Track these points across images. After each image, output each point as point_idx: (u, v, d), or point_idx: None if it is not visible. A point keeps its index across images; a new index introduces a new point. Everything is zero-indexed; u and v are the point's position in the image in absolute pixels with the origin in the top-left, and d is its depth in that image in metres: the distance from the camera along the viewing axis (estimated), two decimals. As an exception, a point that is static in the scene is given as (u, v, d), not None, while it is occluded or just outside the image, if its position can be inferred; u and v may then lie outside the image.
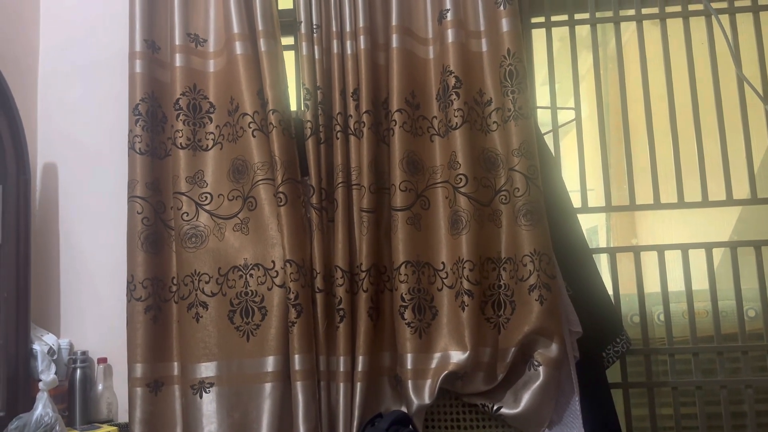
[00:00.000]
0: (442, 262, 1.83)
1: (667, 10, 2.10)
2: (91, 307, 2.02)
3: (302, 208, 1.85)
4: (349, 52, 1.89)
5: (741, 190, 2.05)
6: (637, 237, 3.30)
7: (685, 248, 2.03)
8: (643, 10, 2.11)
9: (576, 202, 2.00)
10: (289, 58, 2.04)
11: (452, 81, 1.84)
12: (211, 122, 1.92)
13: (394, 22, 1.89)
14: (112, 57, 2.07)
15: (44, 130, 2.10)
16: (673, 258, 2.03)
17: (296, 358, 1.73)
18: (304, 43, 1.90)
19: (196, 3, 1.98)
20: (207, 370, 1.77)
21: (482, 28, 1.90)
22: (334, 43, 1.90)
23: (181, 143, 1.89)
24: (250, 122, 1.86)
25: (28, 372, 1.84)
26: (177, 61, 1.91)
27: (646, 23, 2.11)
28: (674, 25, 2.10)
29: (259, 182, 1.84)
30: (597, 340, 1.87)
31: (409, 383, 1.75)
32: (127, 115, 1.91)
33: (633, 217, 3.34)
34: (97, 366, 1.96)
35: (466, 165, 1.81)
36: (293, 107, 1.97)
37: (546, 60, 2.10)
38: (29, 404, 1.75)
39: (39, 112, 2.11)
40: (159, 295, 1.87)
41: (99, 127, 2.09)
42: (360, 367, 1.76)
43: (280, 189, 1.81)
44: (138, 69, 1.91)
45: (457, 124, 1.83)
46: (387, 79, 1.90)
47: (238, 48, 1.88)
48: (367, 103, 1.86)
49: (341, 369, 1.77)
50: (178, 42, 1.92)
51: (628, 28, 2.24)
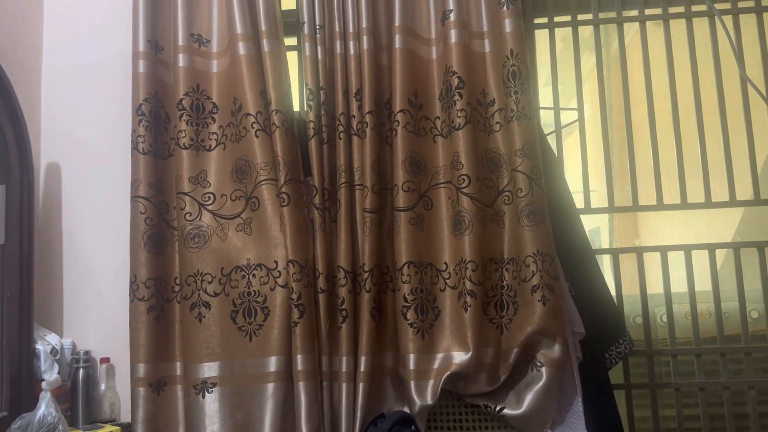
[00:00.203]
0: (445, 263, 1.83)
1: (670, 10, 2.10)
2: (94, 307, 2.02)
3: (305, 208, 1.85)
4: (352, 52, 1.89)
5: (744, 191, 2.04)
6: (640, 238, 3.30)
7: (688, 249, 2.03)
8: (646, 11, 2.11)
9: (579, 202, 2.00)
10: (292, 58, 2.04)
11: (455, 81, 1.84)
12: (214, 122, 1.92)
13: (397, 22, 1.89)
14: (116, 57, 2.08)
15: (47, 130, 2.11)
16: (676, 259, 2.03)
17: (299, 359, 1.73)
18: (307, 44, 1.90)
19: (200, 3, 1.98)
20: (210, 370, 1.78)
21: (485, 29, 1.90)
22: (337, 43, 1.90)
23: (184, 143, 1.89)
24: (253, 122, 1.86)
25: (31, 372, 1.84)
26: (180, 62, 1.91)
27: (649, 24, 2.11)
28: (677, 26, 2.10)
29: (262, 182, 1.85)
30: (600, 341, 1.86)
31: (412, 384, 1.75)
32: (131, 115, 1.91)
33: (636, 217, 3.33)
34: (100, 366, 1.96)
35: (469, 165, 1.81)
36: (296, 107, 1.96)
37: (549, 61, 2.10)
38: (32, 404, 1.75)
39: (42, 112, 2.11)
40: (162, 295, 1.87)
41: (102, 127, 2.09)
42: (362, 368, 1.76)
43: (283, 189, 1.81)
44: (141, 69, 1.91)
45: (460, 124, 1.83)
46: (390, 80, 1.90)
47: (241, 48, 1.88)
48: (370, 103, 1.85)
49: (344, 369, 1.77)
50: (181, 42, 1.93)
51: (631, 29, 2.23)
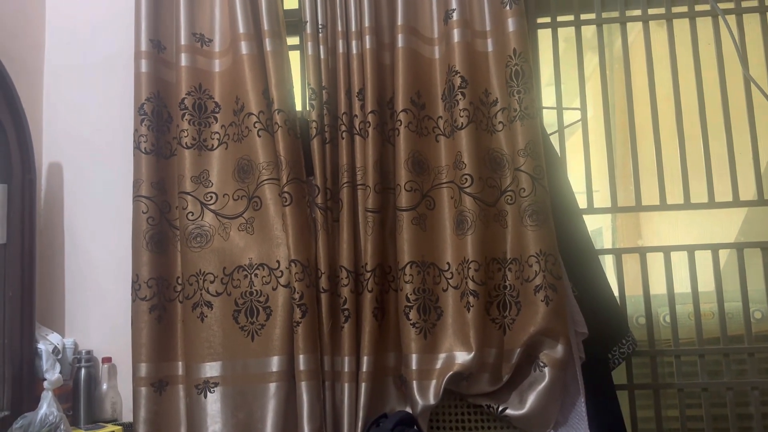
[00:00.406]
0: (447, 263, 1.83)
1: (674, 10, 2.09)
2: (96, 307, 2.02)
3: (307, 208, 1.85)
4: (355, 51, 1.88)
5: (747, 191, 2.04)
6: (643, 238, 3.29)
7: (691, 249, 2.02)
8: (650, 11, 2.11)
9: (582, 202, 1.99)
10: (295, 57, 2.04)
11: (458, 81, 1.84)
12: (217, 122, 1.92)
13: (400, 21, 1.88)
14: (118, 56, 2.07)
15: (49, 129, 2.10)
16: (679, 259, 2.03)
17: (301, 358, 1.73)
18: (309, 43, 1.90)
19: (202, 3, 1.98)
20: (211, 369, 1.77)
21: (488, 28, 1.90)
22: (340, 42, 1.90)
23: (187, 143, 1.89)
24: (256, 122, 1.85)
25: (32, 371, 1.84)
26: (182, 61, 1.91)
27: (652, 23, 2.11)
28: (681, 26, 2.09)
29: (264, 182, 1.84)
30: (603, 342, 1.86)
31: (414, 384, 1.75)
32: (133, 115, 1.91)
33: (639, 218, 3.33)
34: (102, 365, 1.96)
35: (472, 165, 1.80)
36: (298, 107, 1.96)
37: (552, 60, 2.10)
38: (34, 403, 1.75)
39: (44, 111, 2.11)
40: (164, 295, 1.87)
41: (104, 127, 2.09)
42: (365, 368, 1.75)
43: (285, 189, 1.80)
44: (143, 68, 1.91)
45: (462, 124, 1.82)
46: (392, 79, 1.89)
47: (244, 48, 1.88)
48: (373, 103, 1.85)
49: (346, 369, 1.77)
50: (183, 42, 1.92)
51: (634, 29, 2.23)
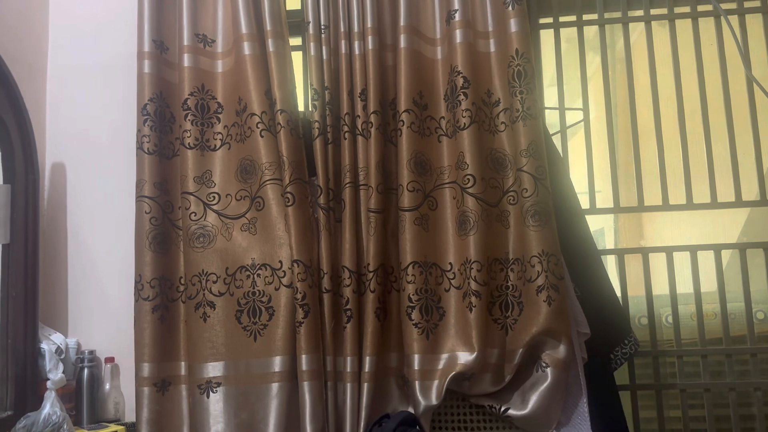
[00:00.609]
0: (450, 263, 1.83)
1: (676, 10, 2.09)
2: (99, 307, 2.03)
3: (310, 208, 1.85)
4: (357, 52, 1.89)
5: (750, 192, 2.04)
6: (645, 238, 3.28)
7: (693, 250, 2.02)
8: (652, 11, 2.11)
9: (584, 203, 1.99)
10: (297, 58, 2.04)
11: (460, 81, 1.84)
12: (219, 122, 1.92)
13: (402, 22, 1.88)
14: (121, 57, 2.08)
15: (52, 130, 2.11)
16: (682, 259, 2.03)
17: (303, 359, 1.73)
18: (312, 44, 1.90)
19: (205, 3, 1.99)
20: (214, 369, 1.78)
21: (490, 29, 1.90)
22: (342, 43, 1.90)
23: (189, 143, 1.89)
24: (258, 122, 1.86)
25: (35, 371, 1.84)
26: (185, 62, 1.92)
27: (654, 24, 2.11)
28: (683, 26, 2.09)
29: (267, 182, 1.85)
30: (605, 342, 1.86)
31: (416, 384, 1.75)
32: (135, 115, 1.91)
33: (641, 218, 3.32)
34: (105, 365, 1.96)
35: (474, 165, 1.80)
36: (301, 107, 1.97)
37: (554, 61, 2.10)
38: (37, 403, 1.75)
39: (47, 112, 2.12)
40: (166, 295, 1.87)
41: (107, 127, 2.09)
42: (367, 368, 1.76)
43: (288, 189, 1.81)
44: (146, 69, 1.91)
45: (465, 124, 1.82)
46: (395, 80, 1.90)
47: (246, 48, 1.88)
48: (375, 103, 1.85)
49: (348, 369, 1.77)
50: (186, 42, 1.93)
51: (637, 29, 2.23)
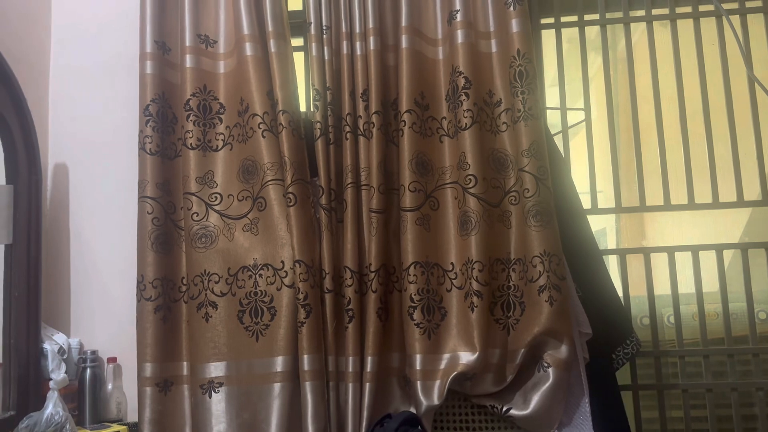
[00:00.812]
0: (452, 263, 1.83)
1: (678, 10, 2.09)
2: (101, 307, 2.03)
3: (311, 208, 1.85)
4: (359, 53, 1.89)
5: (752, 192, 2.04)
6: (647, 238, 3.28)
7: (695, 250, 2.02)
8: (653, 11, 2.11)
9: (585, 203, 1.99)
10: (299, 59, 2.05)
11: (462, 81, 1.84)
12: (221, 123, 1.93)
13: (404, 22, 1.89)
14: (123, 58, 2.09)
15: (55, 131, 2.11)
16: (684, 259, 2.02)
17: (305, 359, 1.74)
18: (313, 44, 1.90)
19: (207, 4, 1.99)
20: (216, 369, 1.78)
21: (492, 29, 1.90)
22: (344, 44, 1.91)
23: (192, 144, 1.89)
24: (260, 123, 1.86)
25: (38, 371, 1.85)
26: (187, 62, 1.92)
27: (656, 24, 2.11)
28: (684, 26, 2.09)
29: (269, 183, 1.85)
30: (607, 342, 1.86)
31: (418, 384, 1.75)
32: (138, 116, 1.92)
33: (643, 218, 3.31)
34: (107, 365, 1.97)
35: (476, 166, 1.80)
36: (303, 108, 1.97)
37: (555, 61, 2.10)
38: (40, 403, 1.76)
39: (50, 113, 2.12)
40: (169, 295, 1.88)
41: (109, 128, 2.10)
42: (369, 368, 1.76)
43: (290, 189, 1.81)
44: (148, 70, 1.92)
45: (466, 124, 1.83)
46: (396, 80, 1.90)
47: (248, 49, 1.89)
48: (377, 103, 1.86)
49: (350, 369, 1.77)
50: (188, 43, 1.93)
51: (638, 29, 2.23)
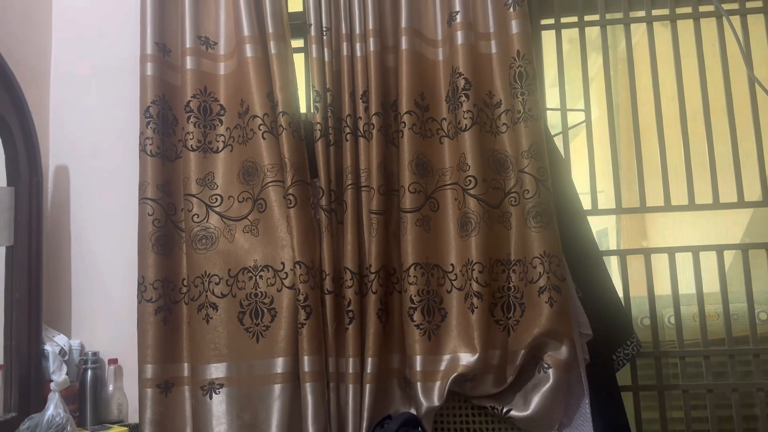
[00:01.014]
0: (452, 264, 1.83)
1: (678, 11, 2.09)
2: (102, 309, 2.04)
3: (312, 209, 1.85)
4: (359, 54, 1.89)
5: (753, 192, 2.03)
6: (648, 239, 3.28)
7: (696, 250, 2.02)
8: (654, 12, 2.10)
9: (586, 204, 1.99)
10: (299, 60, 2.05)
11: (462, 83, 1.84)
12: (222, 124, 1.93)
13: (404, 24, 1.89)
14: (124, 60, 2.09)
15: (56, 133, 2.12)
16: (684, 260, 2.02)
17: (305, 360, 1.74)
18: (313, 46, 1.90)
19: (207, 6, 1.99)
20: (217, 371, 1.78)
21: (492, 30, 1.90)
22: (344, 45, 1.91)
23: (192, 145, 1.89)
24: (260, 124, 1.86)
25: (39, 372, 1.85)
26: (188, 64, 1.92)
27: (656, 24, 2.11)
28: (685, 27, 2.09)
29: (269, 184, 1.85)
30: (607, 343, 1.86)
31: (418, 385, 1.75)
32: (138, 118, 1.92)
33: (643, 219, 3.32)
34: (108, 367, 1.97)
35: (476, 167, 1.81)
36: (303, 109, 1.97)
37: (556, 62, 2.10)
38: (41, 405, 1.76)
39: (51, 115, 2.13)
40: (169, 297, 1.88)
41: (110, 130, 2.10)
42: (369, 369, 1.76)
43: (290, 191, 1.81)
44: (149, 72, 1.92)
45: (466, 125, 1.83)
46: (396, 81, 1.90)
47: (248, 51, 1.89)
48: (377, 105, 1.86)
49: (350, 371, 1.77)
50: (188, 45, 1.93)
51: (638, 30, 2.23)
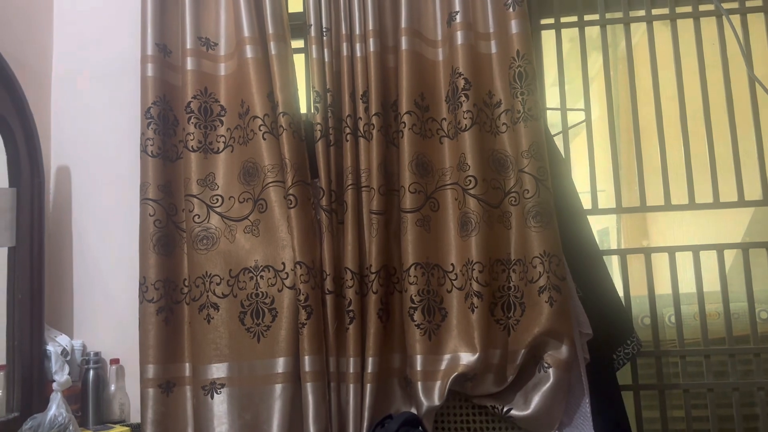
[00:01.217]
0: (452, 264, 1.83)
1: (678, 10, 2.09)
2: (104, 309, 2.04)
3: (312, 210, 1.86)
4: (359, 54, 1.89)
5: (753, 192, 2.03)
6: (648, 238, 3.28)
7: (696, 250, 2.02)
8: (654, 11, 2.10)
9: (586, 203, 1.99)
10: (299, 61, 2.05)
11: (461, 83, 1.84)
12: (222, 125, 1.93)
13: (404, 24, 1.89)
14: (125, 61, 2.09)
15: (57, 133, 2.12)
16: (685, 259, 2.02)
17: (306, 360, 1.74)
18: (314, 46, 1.91)
19: (207, 7, 2.00)
20: (218, 371, 1.79)
21: (491, 30, 1.90)
22: (344, 45, 1.91)
23: (193, 146, 1.90)
24: (261, 125, 1.87)
25: (41, 373, 1.85)
26: (188, 65, 1.93)
27: (656, 24, 2.10)
28: (685, 26, 2.09)
29: (270, 184, 1.85)
30: (607, 342, 1.86)
31: (419, 385, 1.75)
32: (139, 118, 1.93)
33: (644, 218, 3.32)
34: (110, 367, 1.98)
35: (476, 167, 1.81)
36: (303, 110, 1.97)
37: (556, 61, 2.10)
38: (43, 405, 1.77)
39: (52, 116, 2.13)
40: (171, 297, 1.88)
41: (111, 130, 2.11)
42: (370, 369, 1.76)
43: (291, 191, 1.81)
44: (150, 72, 1.93)
45: (466, 125, 1.83)
46: (396, 82, 1.90)
47: (249, 51, 1.89)
48: (377, 105, 1.86)
49: (351, 370, 1.78)
50: (189, 46, 1.94)
51: (639, 29, 2.23)
